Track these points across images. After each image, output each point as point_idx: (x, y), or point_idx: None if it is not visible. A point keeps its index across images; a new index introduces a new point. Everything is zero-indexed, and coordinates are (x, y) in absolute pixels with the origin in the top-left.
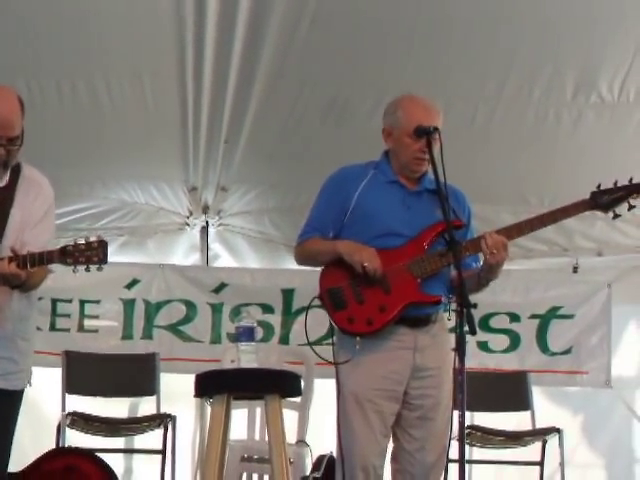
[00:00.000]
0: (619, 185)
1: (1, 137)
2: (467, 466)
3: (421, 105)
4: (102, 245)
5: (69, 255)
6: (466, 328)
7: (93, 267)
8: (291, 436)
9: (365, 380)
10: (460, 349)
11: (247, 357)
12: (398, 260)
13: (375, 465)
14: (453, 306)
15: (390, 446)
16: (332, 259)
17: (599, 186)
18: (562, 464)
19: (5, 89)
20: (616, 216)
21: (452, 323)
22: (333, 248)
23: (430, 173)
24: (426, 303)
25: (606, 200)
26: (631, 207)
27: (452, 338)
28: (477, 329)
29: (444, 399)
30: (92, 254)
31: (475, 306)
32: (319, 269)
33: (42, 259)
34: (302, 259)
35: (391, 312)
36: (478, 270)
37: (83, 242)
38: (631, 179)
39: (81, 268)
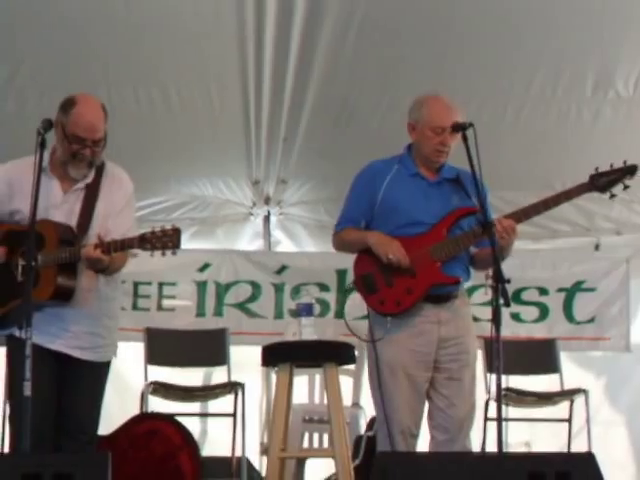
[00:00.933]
0: (614, 168)
1: (87, 139)
2: (503, 424)
3: (443, 103)
4: (176, 232)
5: (147, 241)
6: (501, 301)
7: (168, 252)
8: (347, 399)
9: (398, 353)
10: (496, 320)
11: (307, 330)
12: (421, 246)
13: (410, 426)
14: (489, 282)
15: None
16: (364, 248)
17: (597, 169)
18: (588, 421)
19: (90, 98)
20: (612, 196)
21: (489, 297)
22: (364, 239)
23: (448, 163)
24: (447, 284)
25: (603, 182)
26: (626, 187)
27: (472, 310)
28: (510, 302)
29: (469, 362)
30: (167, 240)
31: (509, 281)
32: None
33: (123, 245)
34: (339, 247)
35: (417, 293)
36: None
37: (159, 230)
38: (625, 162)
39: (157, 253)
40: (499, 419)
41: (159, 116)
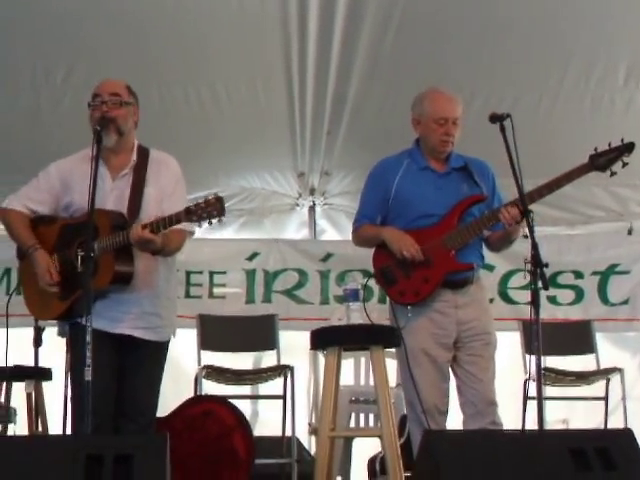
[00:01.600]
0: (612, 147)
1: (102, 94)
2: (538, 403)
3: (443, 96)
4: (219, 200)
5: (192, 213)
6: (540, 285)
7: (215, 221)
8: (391, 381)
9: (420, 338)
10: (535, 303)
11: (355, 315)
12: (434, 237)
13: (437, 405)
14: (528, 266)
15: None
16: (380, 243)
17: (596, 149)
18: (624, 399)
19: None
20: (612, 174)
21: (525, 281)
22: (379, 235)
23: (455, 152)
24: (462, 270)
25: (602, 161)
26: (624, 164)
27: (487, 294)
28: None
29: (490, 341)
30: (212, 209)
31: (547, 265)
32: None
33: (171, 221)
34: (358, 243)
35: (434, 282)
36: (503, 232)
37: (202, 201)
38: (622, 139)
39: (204, 223)
40: (539, 398)
41: (208, 114)
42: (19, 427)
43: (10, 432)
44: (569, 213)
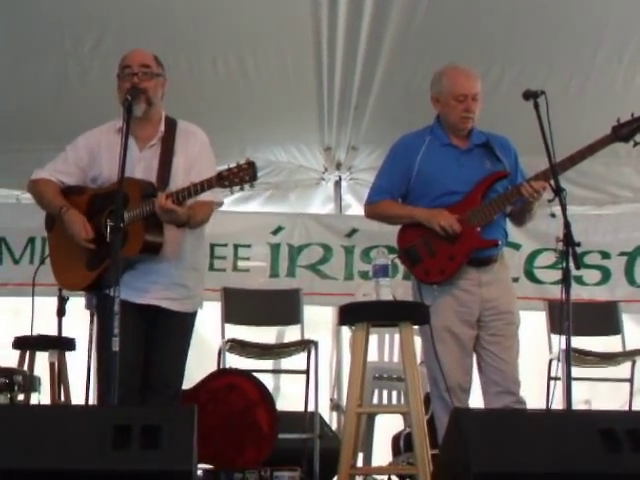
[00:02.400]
0: (635, 117)
1: (132, 65)
2: (563, 383)
3: (462, 72)
4: (251, 165)
5: (224, 178)
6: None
7: (247, 186)
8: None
9: (444, 315)
10: (566, 282)
11: (384, 291)
12: (459, 213)
13: (460, 383)
14: (559, 245)
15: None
16: (409, 222)
17: (618, 120)
18: None
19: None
20: (636, 144)
21: (552, 261)
22: (412, 215)
23: (477, 128)
24: (487, 247)
25: (625, 132)
26: None
27: (511, 273)
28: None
29: (513, 320)
30: (244, 174)
31: (579, 244)
32: None
33: (203, 187)
34: (373, 216)
35: (459, 260)
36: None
37: (235, 165)
38: None
39: (236, 189)
40: (568, 377)
41: (236, 85)
42: (42, 396)
43: (34, 401)
44: (597, 193)
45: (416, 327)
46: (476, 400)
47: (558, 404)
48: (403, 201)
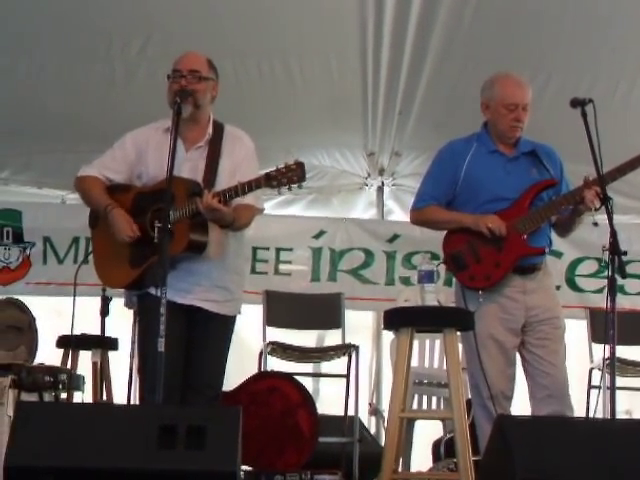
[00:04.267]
0: None
1: (182, 70)
2: (604, 392)
3: (514, 81)
4: (300, 166)
5: (273, 178)
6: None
7: (294, 186)
8: None
9: (488, 323)
10: (612, 291)
11: (429, 297)
12: (506, 220)
13: (503, 390)
14: (606, 254)
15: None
16: (457, 228)
17: None
18: None
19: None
20: None
21: (594, 269)
22: (459, 221)
23: (532, 137)
24: (534, 254)
25: None
26: None
27: (554, 280)
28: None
29: (560, 325)
30: (292, 174)
31: (625, 253)
32: None
33: (251, 186)
34: (419, 222)
35: (505, 267)
36: (570, 212)
37: (283, 166)
38: None
39: (284, 189)
40: (612, 387)
41: (281, 89)
42: (85, 395)
43: (77, 400)
44: None
45: (458, 333)
46: (517, 408)
47: (598, 413)
48: (449, 207)
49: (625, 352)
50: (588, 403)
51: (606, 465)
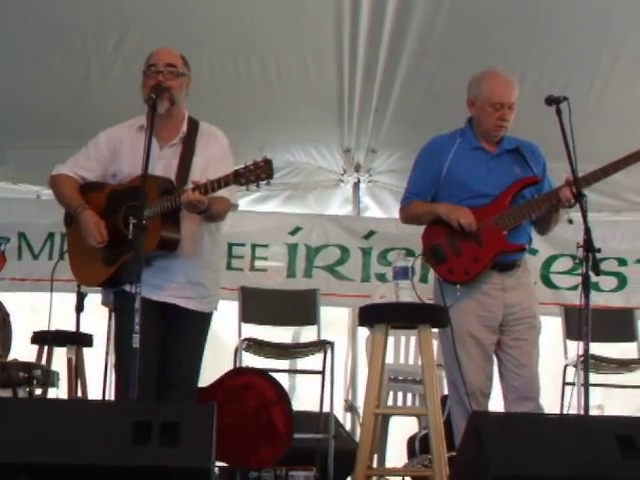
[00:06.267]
0: None
1: (157, 64)
2: (578, 389)
3: (502, 80)
4: (268, 163)
5: (241, 176)
6: None
7: (263, 184)
8: None
9: (466, 319)
10: (586, 288)
11: (404, 293)
12: (486, 216)
13: (481, 388)
14: (580, 251)
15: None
16: (432, 219)
17: None
18: None
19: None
20: None
21: (569, 266)
22: (433, 210)
23: (508, 134)
24: (513, 251)
25: None
26: None
27: (533, 278)
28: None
29: (535, 325)
30: (260, 172)
31: (599, 250)
32: None
33: (220, 183)
34: (407, 220)
35: (484, 262)
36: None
37: (251, 163)
38: None
39: (253, 186)
40: (586, 383)
41: (257, 85)
42: (60, 391)
43: (51, 396)
44: (615, 199)
45: (435, 331)
46: (495, 405)
47: (572, 409)
48: (432, 201)
49: (599, 349)
50: (562, 399)
51: (578, 461)
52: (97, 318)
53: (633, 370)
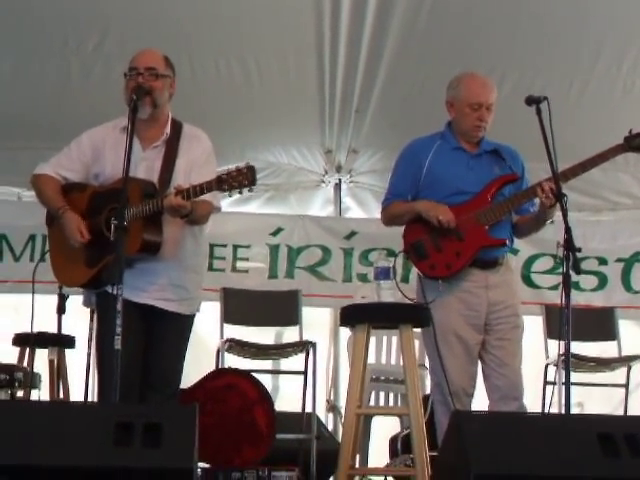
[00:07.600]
0: None
1: (138, 67)
2: (560, 387)
3: (479, 81)
4: (250, 170)
5: (224, 182)
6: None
7: (245, 190)
8: None
9: (449, 317)
10: (567, 287)
11: (386, 293)
12: (467, 212)
13: (465, 387)
14: (560, 250)
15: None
16: (412, 217)
17: (630, 131)
18: None
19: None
20: None
21: (549, 266)
22: (412, 208)
23: (487, 136)
24: (495, 246)
25: (638, 142)
26: None
27: (516, 277)
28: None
29: (519, 324)
30: (243, 178)
31: (580, 250)
32: None
33: (202, 189)
34: (388, 221)
35: (466, 256)
36: (536, 213)
37: (234, 169)
38: None
39: (235, 192)
40: (567, 382)
41: (238, 86)
42: (42, 393)
43: (34, 398)
44: (595, 199)
45: (417, 331)
46: (478, 404)
47: (553, 408)
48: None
49: (581, 348)
50: (544, 398)
51: (559, 460)
52: (79, 320)
53: (614, 369)
